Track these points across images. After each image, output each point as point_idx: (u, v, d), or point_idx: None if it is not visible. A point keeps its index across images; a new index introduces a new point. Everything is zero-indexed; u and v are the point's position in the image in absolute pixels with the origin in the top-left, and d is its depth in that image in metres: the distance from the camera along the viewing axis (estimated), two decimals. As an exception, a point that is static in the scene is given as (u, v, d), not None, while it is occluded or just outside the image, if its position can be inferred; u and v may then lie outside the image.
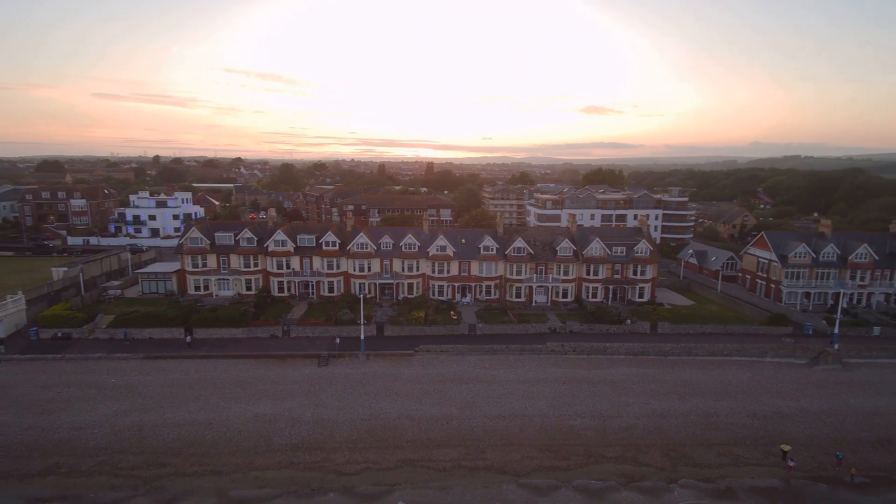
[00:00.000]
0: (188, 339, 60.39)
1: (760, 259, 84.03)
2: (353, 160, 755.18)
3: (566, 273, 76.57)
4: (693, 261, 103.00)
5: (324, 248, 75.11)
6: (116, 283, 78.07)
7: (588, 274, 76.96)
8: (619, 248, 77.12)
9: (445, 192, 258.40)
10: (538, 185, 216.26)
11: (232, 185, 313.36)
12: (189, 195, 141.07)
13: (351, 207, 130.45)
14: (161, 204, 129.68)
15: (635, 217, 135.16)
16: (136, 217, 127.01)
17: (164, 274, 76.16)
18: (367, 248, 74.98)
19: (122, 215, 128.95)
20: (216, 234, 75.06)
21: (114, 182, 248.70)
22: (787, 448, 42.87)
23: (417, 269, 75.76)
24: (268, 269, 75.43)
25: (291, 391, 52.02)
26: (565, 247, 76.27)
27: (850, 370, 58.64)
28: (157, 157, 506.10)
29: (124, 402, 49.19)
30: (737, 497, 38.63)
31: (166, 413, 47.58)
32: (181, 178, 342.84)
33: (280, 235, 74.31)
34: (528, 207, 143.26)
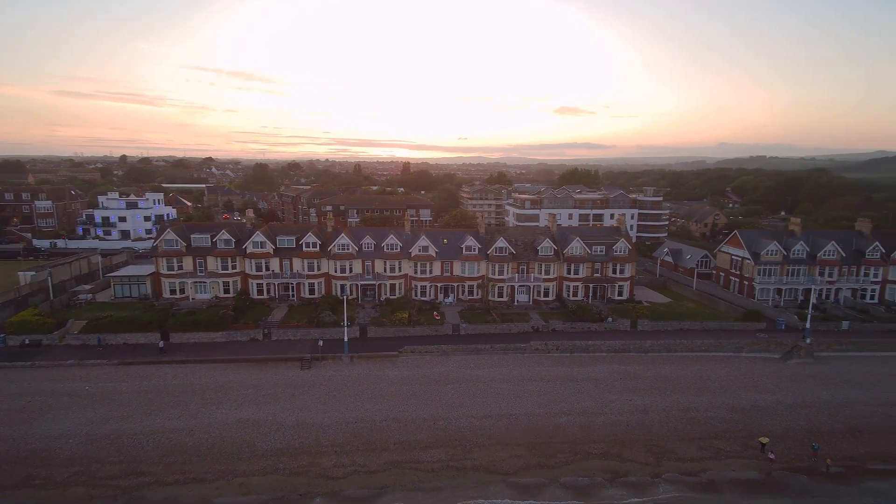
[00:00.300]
0: (161, 344, 58.78)
1: (734, 257, 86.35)
2: (327, 160, 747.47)
3: (547, 272, 77.28)
4: (669, 259, 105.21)
5: (304, 249, 74.07)
6: (87, 287, 75.45)
7: (569, 273, 77.83)
8: (599, 247, 78.22)
9: (422, 192, 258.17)
10: (515, 185, 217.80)
11: (204, 185, 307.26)
12: (161, 196, 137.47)
13: (329, 208, 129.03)
14: (131, 205, 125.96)
15: (612, 216, 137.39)
16: (106, 219, 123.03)
17: (138, 277, 73.96)
18: (348, 248, 74.26)
19: (91, 217, 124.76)
20: (192, 235, 73.28)
21: (79, 182, 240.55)
22: (765, 440, 44.15)
23: (400, 270, 75.40)
24: (246, 272, 74.01)
25: (274, 395, 51.14)
26: (546, 246, 76.96)
27: (822, 363, 60.71)
28: (124, 157, 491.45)
29: (100, 410, 47.60)
30: (719, 490, 39.63)
31: (145, 420, 46.22)
32: (150, 178, 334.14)
33: (259, 237, 72.99)
34: (507, 207, 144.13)
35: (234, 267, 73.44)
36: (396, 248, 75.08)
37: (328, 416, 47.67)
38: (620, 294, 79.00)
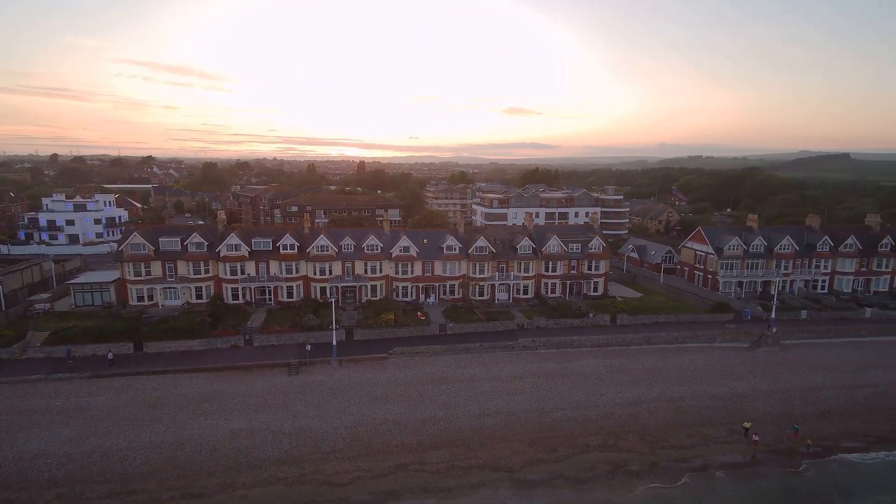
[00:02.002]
0: (110, 356, 54.70)
1: (698, 252, 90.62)
2: (275, 159, 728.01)
3: (526, 270, 78.49)
4: (634, 255, 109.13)
5: (281, 251, 71.94)
6: (45, 295, 70.32)
7: (547, 270, 79.36)
8: (575, 244, 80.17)
9: (379, 191, 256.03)
10: (477, 184, 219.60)
11: (149, 185, 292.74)
12: (112, 197, 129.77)
13: (295, 208, 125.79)
14: (79, 207, 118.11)
15: (576, 214, 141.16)
16: (52, 222, 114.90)
17: (101, 284, 69.59)
18: (327, 250, 72.72)
19: (34, 220, 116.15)
20: (161, 239, 69.66)
21: (8, 183, 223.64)
22: (748, 425, 46.74)
23: (381, 271, 74.55)
24: (220, 276, 71.10)
25: (265, 403, 49.49)
26: (525, 245, 78.16)
27: (787, 351, 64.75)
28: (55, 156, 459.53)
29: (76, 428, 44.56)
30: (712, 473, 41.63)
31: (129, 436, 43.67)
32: (86, 178, 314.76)
33: (233, 239, 70.27)
34: (475, 206, 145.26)
35: (206, 271, 70.36)
36: (377, 249, 74.20)
37: (325, 421, 46.62)
38: (596, 290, 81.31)
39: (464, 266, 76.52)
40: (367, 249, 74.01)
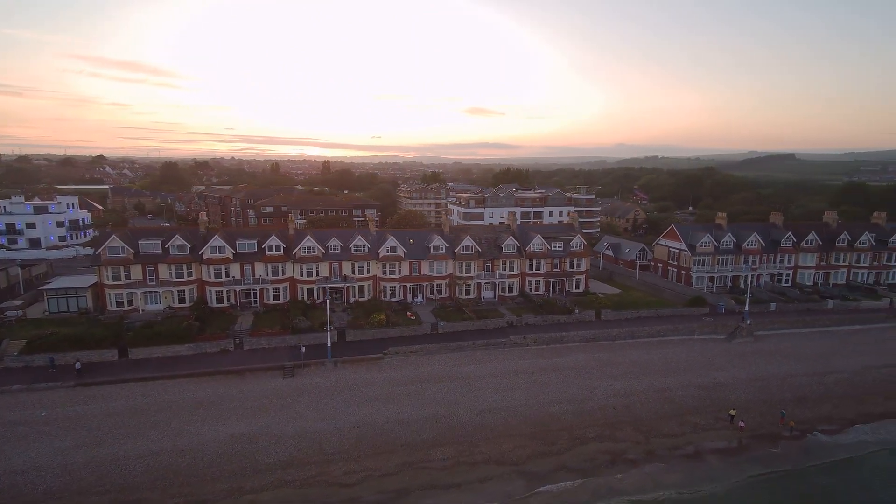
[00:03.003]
0: (78, 365, 52.29)
1: (671, 249, 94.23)
2: (233, 158, 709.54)
3: (511, 269, 79.90)
4: (609, 253, 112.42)
5: (267, 253, 70.89)
6: (17, 302, 66.97)
7: (531, 269, 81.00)
8: (558, 243, 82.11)
9: (346, 191, 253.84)
10: (449, 184, 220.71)
11: (104, 186, 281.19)
12: (75, 199, 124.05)
13: (270, 209, 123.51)
14: (40, 209, 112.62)
15: (550, 214, 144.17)
16: (11, 226, 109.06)
17: (76, 289, 66.85)
18: (314, 251, 72.09)
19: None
20: (140, 242, 67.49)
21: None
22: (733, 412, 49.28)
23: (368, 272, 74.44)
24: (203, 279, 69.46)
25: (262, 406, 48.92)
26: (510, 244, 79.55)
27: (761, 341, 68.33)
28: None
29: (67, 438, 42.98)
30: (704, 459, 43.83)
31: (125, 444, 42.46)
32: (33, 179, 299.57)
33: (217, 241, 68.78)
34: (451, 206, 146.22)
35: (189, 274, 68.60)
36: (364, 250, 74.06)
37: (326, 423, 46.50)
38: (577, 287, 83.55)
39: (451, 265, 77.26)
40: (354, 250, 73.78)
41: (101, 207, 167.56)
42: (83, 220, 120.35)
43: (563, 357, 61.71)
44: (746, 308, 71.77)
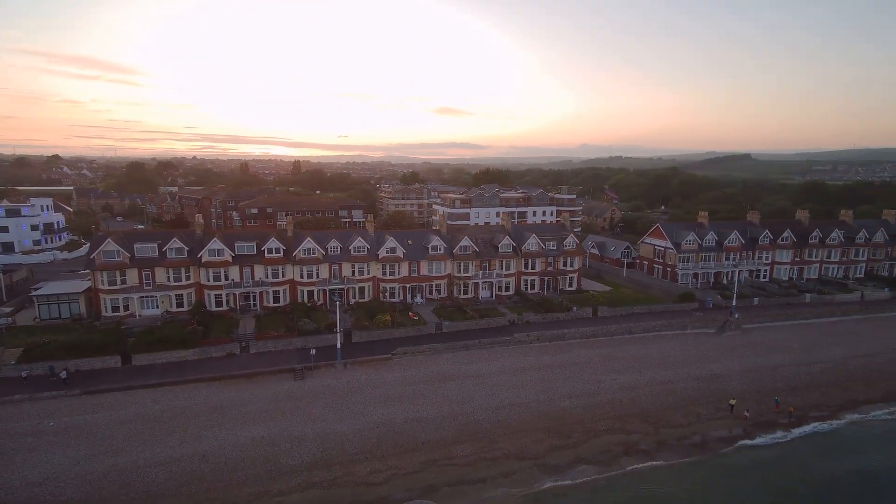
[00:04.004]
0: (63, 374, 50.64)
1: (657, 247, 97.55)
2: (194, 157, 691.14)
3: (507, 268, 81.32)
4: (595, 251, 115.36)
5: (267, 255, 70.23)
6: (7, 309, 64.34)
7: (526, 268, 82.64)
8: (551, 242, 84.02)
9: (317, 191, 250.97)
10: (429, 184, 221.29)
11: (64, 187, 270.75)
12: (49, 201, 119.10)
13: (255, 210, 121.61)
14: (12, 212, 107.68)
15: (534, 213, 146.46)
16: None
17: (69, 295, 64.79)
18: (314, 253, 71.79)
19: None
20: (136, 245, 65.89)
21: None
22: (733, 402, 51.82)
23: (368, 273, 74.58)
24: (202, 282, 68.31)
25: (279, 409, 48.80)
26: (506, 243, 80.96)
27: (748, 335, 71.71)
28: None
29: (81, 448, 42.03)
30: (711, 447, 46.05)
31: (143, 452, 41.83)
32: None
33: (216, 244, 67.74)
34: (436, 207, 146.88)
35: (187, 278, 67.37)
36: (364, 251, 74.18)
37: (345, 424, 46.77)
38: (570, 285, 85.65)
39: (449, 265, 78.13)
40: (354, 251, 73.82)
41: (70, 210, 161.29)
42: (58, 223, 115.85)
43: (566, 353, 63.42)
44: (734, 303, 75.16)
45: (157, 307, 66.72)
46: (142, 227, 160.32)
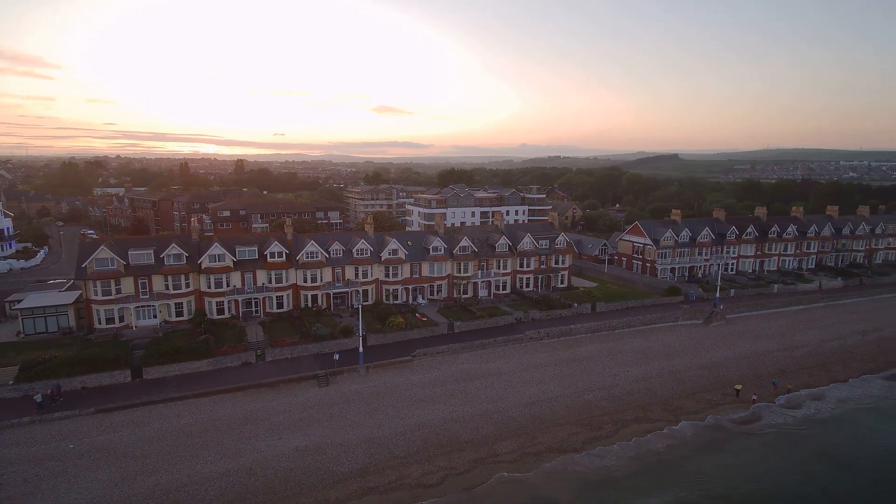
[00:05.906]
0: (37, 398, 46.29)
1: (636, 243, 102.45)
2: (118, 156, 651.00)
3: (504, 267, 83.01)
4: (574, 249, 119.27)
5: (269, 259, 68.18)
6: (-12, 325, 58.96)
7: (521, 266, 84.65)
8: (544, 241, 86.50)
9: (265, 192, 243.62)
10: (382, 185, 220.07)
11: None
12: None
13: (227, 213, 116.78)
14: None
15: (507, 213, 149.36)
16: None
17: (56, 307, 60.23)
18: (317, 256, 70.42)
19: None
20: (130, 252, 62.22)
21: None
22: (739, 387, 55.89)
23: (371, 275, 73.97)
24: (202, 290, 65.42)
25: (312, 417, 47.97)
26: (502, 243, 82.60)
27: (732, 324, 77.04)
28: None
29: (112, 470, 39.70)
30: (726, 429, 49.55)
31: (183, 469, 40.09)
32: None
33: (217, 249, 65.09)
34: (410, 207, 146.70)
35: (187, 285, 64.32)
36: (366, 253, 73.54)
37: (385, 428, 46.67)
38: (562, 282, 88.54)
39: (449, 266, 78.80)
40: (357, 254, 73.04)
41: (12, 214, 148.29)
42: (7, 229, 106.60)
43: (575, 349, 65.81)
44: (717, 295, 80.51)
45: (156, 317, 63.31)
46: (91, 232, 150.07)
